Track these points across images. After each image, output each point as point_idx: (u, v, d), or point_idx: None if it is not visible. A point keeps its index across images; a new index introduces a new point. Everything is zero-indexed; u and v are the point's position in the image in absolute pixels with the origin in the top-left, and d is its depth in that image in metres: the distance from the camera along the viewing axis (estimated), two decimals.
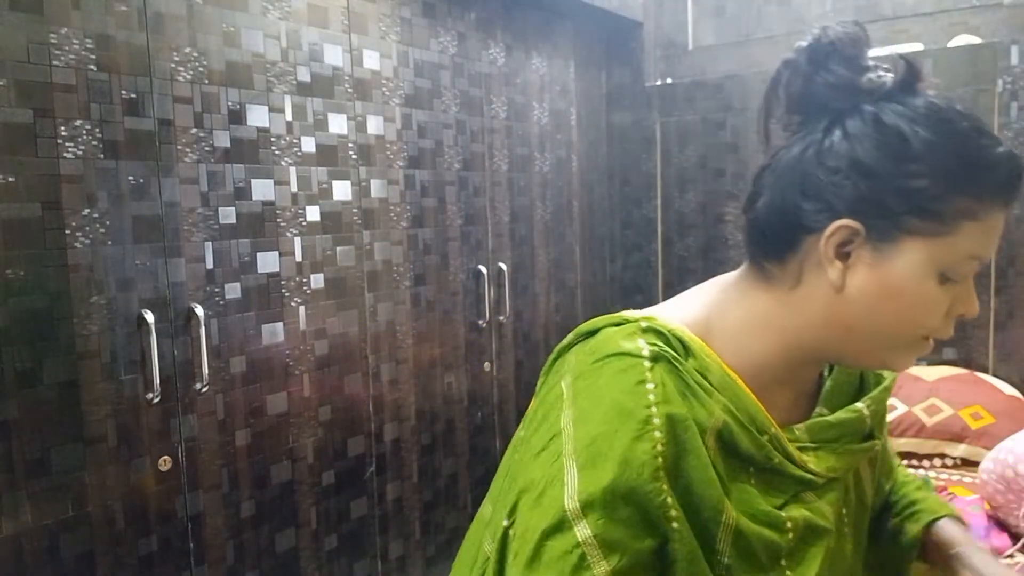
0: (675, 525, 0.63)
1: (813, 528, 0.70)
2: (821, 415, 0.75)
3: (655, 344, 0.68)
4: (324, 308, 1.90)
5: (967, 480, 2.26)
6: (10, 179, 1.32)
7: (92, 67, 1.43)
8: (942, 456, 2.40)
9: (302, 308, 1.84)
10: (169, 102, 1.55)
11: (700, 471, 0.64)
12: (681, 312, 0.74)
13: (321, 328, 1.89)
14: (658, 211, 3.27)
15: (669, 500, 0.63)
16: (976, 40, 2.68)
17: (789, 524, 0.68)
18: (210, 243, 1.63)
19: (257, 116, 1.72)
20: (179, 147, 1.57)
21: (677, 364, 0.67)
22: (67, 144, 1.40)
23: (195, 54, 1.60)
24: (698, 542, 0.64)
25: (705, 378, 0.68)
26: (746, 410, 0.68)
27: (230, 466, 1.69)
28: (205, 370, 1.59)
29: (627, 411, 0.64)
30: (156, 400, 1.52)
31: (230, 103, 1.67)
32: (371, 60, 2.02)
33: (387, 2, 2.06)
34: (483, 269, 2.41)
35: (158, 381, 1.51)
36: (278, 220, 1.78)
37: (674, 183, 3.22)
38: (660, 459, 0.63)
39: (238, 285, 1.69)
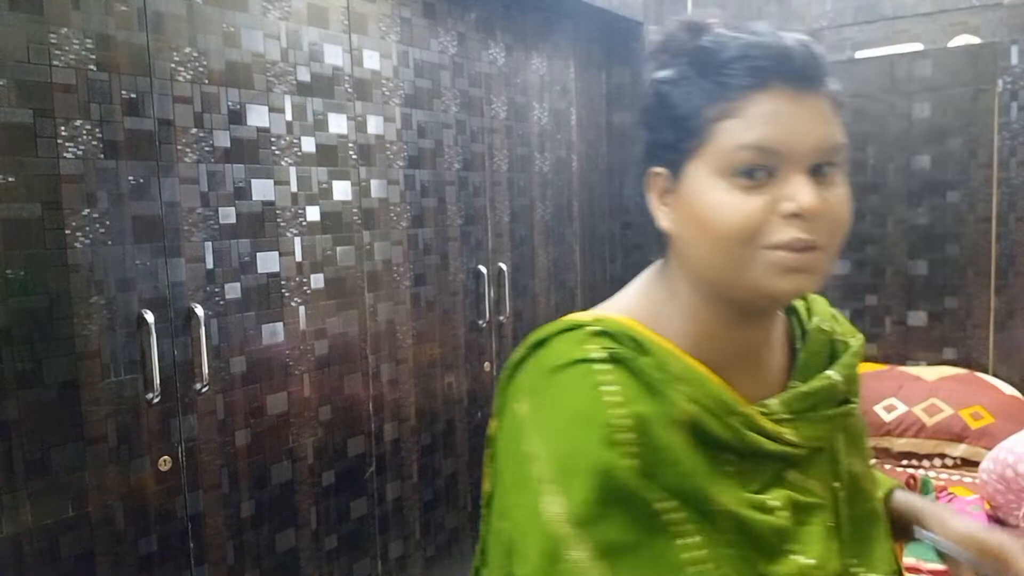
0: (672, 516, 0.63)
1: (802, 507, 0.70)
2: (795, 387, 0.75)
3: (608, 347, 0.68)
4: (324, 308, 1.90)
5: (967, 480, 2.26)
6: (10, 179, 1.32)
7: (92, 67, 1.43)
8: (942, 456, 2.40)
9: (302, 308, 1.84)
10: (169, 102, 1.55)
11: (676, 466, 0.64)
12: (630, 307, 0.75)
13: (321, 328, 1.89)
14: None
15: (656, 495, 0.63)
16: (976, 40, 2.68)
17: (779, 503, 0.68)
18: (210, 243, 1.63)
19: (257, 116, 1.72)
20: (179, 147, 1.57)
21: (633, 363, 0.67)
22: (67, 144, 1.39)
23: (195, 54, 1.60)
24: (704, 529, 0.64)
25: (665, 371, 0.68)
26: (712, 395, 0.68)
27: (230, 466, 1.69)
28: (205, 370, 1.59)
29: (589, 419, 0.64)
30: (156, 400, 1.52)
31: (230, 103, 1.67)
32: (371, 60, 2.01)
33: (387, 2, 2.06)
34: (483, 269, 2.40)
35: (158, 381, 1.51)
36: (278, 220, 1.78)
37: None
38: (636, 460, 0.63)
39: (238, 285, 1.69)
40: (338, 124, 1.92)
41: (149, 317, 1.50)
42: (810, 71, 0.66)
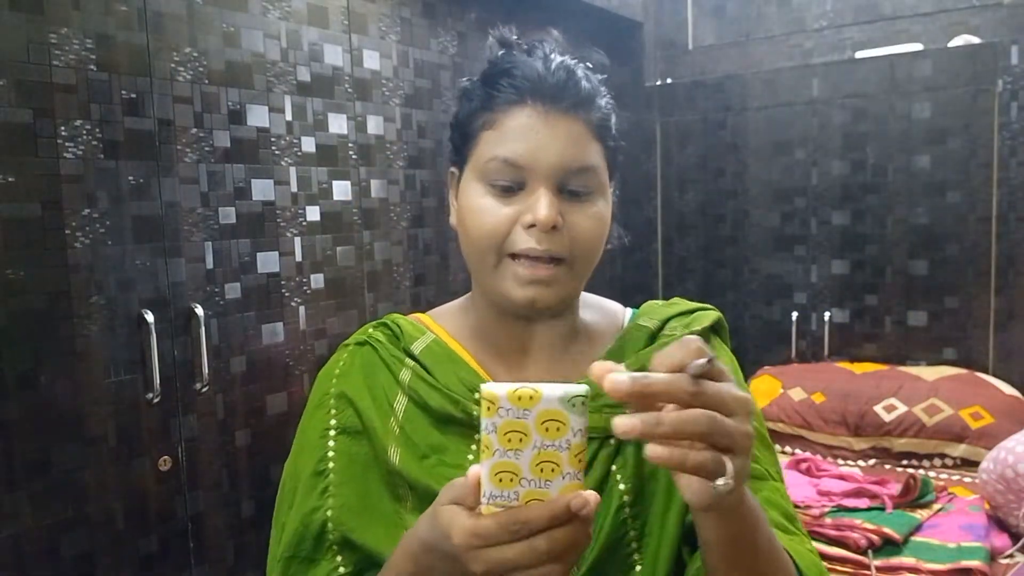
0: (332, 477, 0.80)
1: None
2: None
3: (369, 333, 0.84)
4: (324, 308, 1.90)
5: (967, 480, 2.26)
6: (10, 179, 1.32)
7: (92, 67, 1.43)
8: (942, 456, 2.40)
9: (302, 308, 1.84)
10: (169, 102, 1.55)
11: (372, 423, 0.79)
12: (446, 305, 0.89)
13: (321, 328, 1.89)
14: (658, 211, 3.27)
15: (330, 454, 0.80)
16: (976, 40, 2.68)
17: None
18: (210, 243, 1.63)
19: (257, 116, 1.72)
20: (179, 147, 1.57)
21: (376, 346, 0.83)
22: (67, 144, 1.39)
23: (195, 54, 1.60)
24: (387, 483, 0.78)
25: (408, 352, 0.81)
26: (453, 373, 0.79)
27: (230, 466, 1.69)
28: (205, 370, 1.59)
29: (316, 390, 0.85)
30: (156, 400, 1.52)
31: (230, 103, 1.67)
32: (371, 60, 2.02)
33: (387, 2, 2.06)
34: None
35: (158, 381, 1.51)
36: (278, 220, 1.78)
37: (674, 183, 3.22)
38: (333, 420, 0.81)
39: (238, 285, 1.69)
40: (338, 124, 1.92)
41: (149, 317, 1.50)
42: (564, 95, 0.73)
